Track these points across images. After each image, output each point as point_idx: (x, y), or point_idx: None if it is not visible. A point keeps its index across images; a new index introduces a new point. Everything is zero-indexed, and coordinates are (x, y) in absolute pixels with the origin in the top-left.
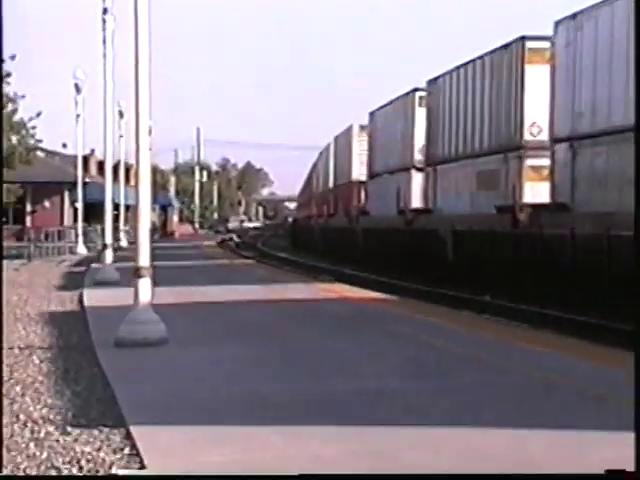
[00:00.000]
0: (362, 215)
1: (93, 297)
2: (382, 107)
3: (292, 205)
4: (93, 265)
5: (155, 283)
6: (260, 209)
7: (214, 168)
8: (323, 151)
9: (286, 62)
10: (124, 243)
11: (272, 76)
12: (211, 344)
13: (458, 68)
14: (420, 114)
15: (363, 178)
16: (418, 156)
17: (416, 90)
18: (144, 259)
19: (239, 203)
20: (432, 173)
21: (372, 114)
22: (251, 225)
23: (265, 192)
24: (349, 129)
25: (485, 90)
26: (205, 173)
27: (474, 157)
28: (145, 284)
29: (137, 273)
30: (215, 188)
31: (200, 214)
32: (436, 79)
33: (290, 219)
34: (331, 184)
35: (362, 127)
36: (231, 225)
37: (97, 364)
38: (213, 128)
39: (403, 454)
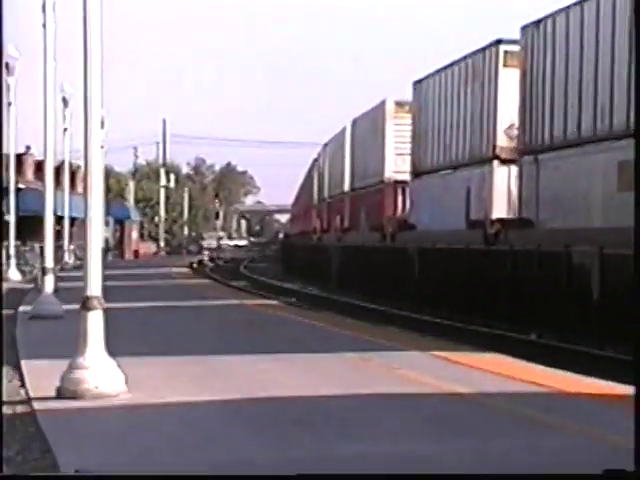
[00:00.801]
0: (402, 229)
1: (27, 335)
2: (440, 70)
3: (284, 218)
4: (29, 297)
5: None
6: (243, 223)
7: (184, 171)
8: (329, 144)
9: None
10: (70, 265)
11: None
12: None
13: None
14: (509, 77)
15: (402, 177)
16: (504, 140)
17: (500, 42)
18: (95, 286)
19: (216, 216)
20: (531, 165)
21: (419, 83)
22: (232, 243)
23: (249, 201)
24: (378, 108)
25: None
26: (173, 177)
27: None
28: (96, 319)
29: (86, 305)
30: (186, 196)
31: (166, 229)
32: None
33: (281, 235)
34: (346, 187)
35: (399, 103)
36: (206, 243)
37: (34, 423)
38: (183, 121)
39: None
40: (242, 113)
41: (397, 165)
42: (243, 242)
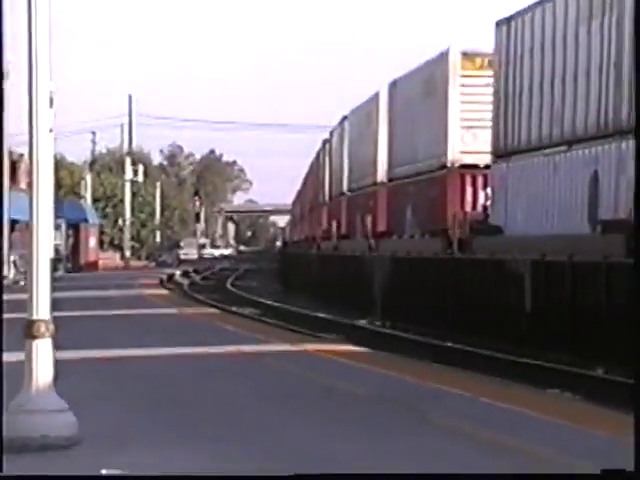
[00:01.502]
0: (479, 232)
1: None
2: (543, 1)
3: (282, 220)
4: None
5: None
6: (231, 227)
7: (156, 161)
8: (352, 117)
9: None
10: (10, 280)
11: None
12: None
13: None
14: None
15: (472, 159)
16: None
17: None
18: (42, 308)
19: (196, 218)
20: None
21: (507, 23)
22: (217, 253)
23: (239, 199)
24: (437, 62)
25: None
26: (141, 169)
27: None
28: (44, 349)
29: (30, 331)
30: (158, 193)
31: (133, 235)
32: None
33: (279, 242)
34: (381, 176)
35: (469, 55)
36: (184, 252)
37: None
38: (155, 100)
39: None
40: (228, 90)
41: (465, 143)
42: (228, 251)
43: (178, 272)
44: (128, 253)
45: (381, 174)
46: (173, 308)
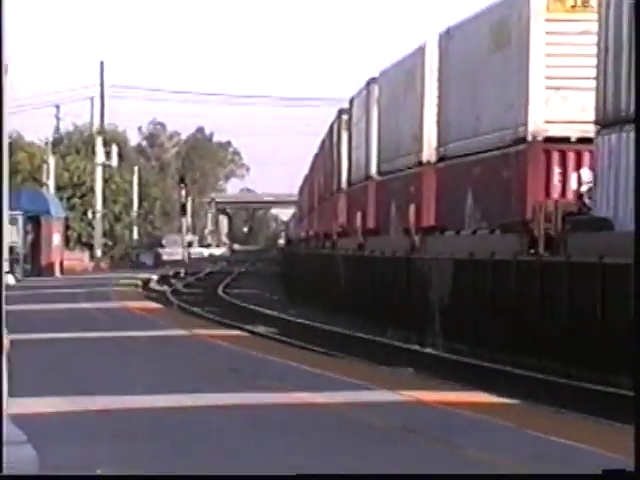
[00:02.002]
0: (575, 227)
1: None
2: None
3: (286, 214)
4: None
5: None
6: (223, 221)
7: (134, 141)
8: (382, 80)
9: None
10: None
11: None
12: None
13: None
14: None
15: (562, 131)
16: None
17: None
18: None
19: (182, 210)
20: None
21: None
22: (206, 253)
23: (233, 188)
24: (511, 2)
25: None
26: (115, 151)
27: None
28: None
29: None
30: (135, 180)
31: (105, 231)
32: None
33: (281, 240)
34: (427, 154)
35: None
36: (167, 252)
37: None
38: (131, 66)
39: None
40: (220, 56)
41: (550, 108)
42: (221, 250)
43: (155, 277)
44: (99, 252)
45: (428, 152)
46: (179, 328)
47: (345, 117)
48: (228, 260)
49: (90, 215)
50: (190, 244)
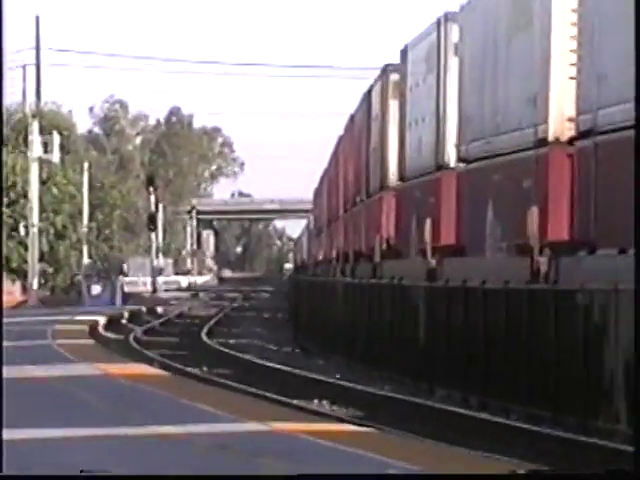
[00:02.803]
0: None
1: None
2: None
3: (294, 227)
4: None
5: None
6: (209, 237)
7: (83, 127)
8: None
9: None
10: None
11: None
12: None
13: None
14: None
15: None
16: None
17: None
18: None
19: (151, 222)
20: None
21: None
22: (184, 282)
23: (222, 192)
24: None
25: None
26: (57, 141)
27: None
28: None
29: None
30: (85, 181)
31: (43, 252)
32: None
33: (289, 265)
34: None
35: None
36: (131, 282)
37: None
38: (78, 24)
39: None
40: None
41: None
42: (205, 278)
43: (102, 320)
44: (35, 283)
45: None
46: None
47: (394, 77)
48: (215, 292)
49: (22, 231)
50: (161, 271)
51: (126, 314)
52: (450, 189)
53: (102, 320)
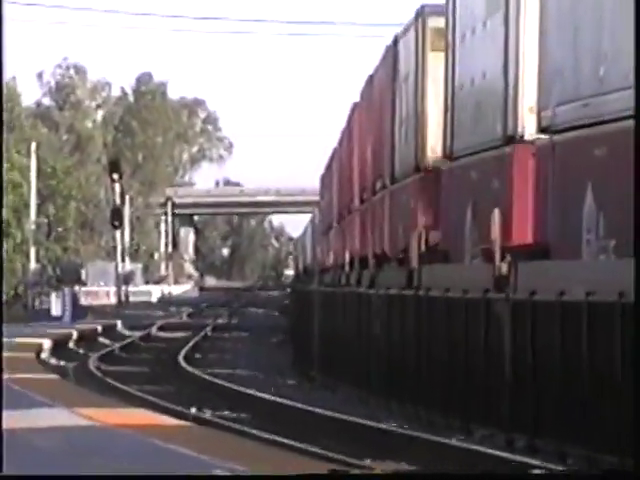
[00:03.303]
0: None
1: None
2: None
3: (295, 224)
4: None
5: None
6: (188, 235)
7: (30, 98)
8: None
9: None
10: None
11: None
12: None
13: None
14: None
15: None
16: None
17: None
18: None
19: (115, 217)
20: None
21: None
22: (156, 292)
23: (204, 181)
24: None
25: None
26: (4, 115)
27: None
28: None
29: None
30: (33, 165)
31: None
32: None
33: (289, 271)
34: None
35: None
36: (90, 293)
37: None
38: None
39: None
40: None
41: None
42: (182, 287)
43: (47, 342)
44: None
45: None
46: None
47: (435, 22)
48: (194, 305)
49: None
50: (128, 277)
51: (75, 334)
52: (526, 169)
53: (48, 343)
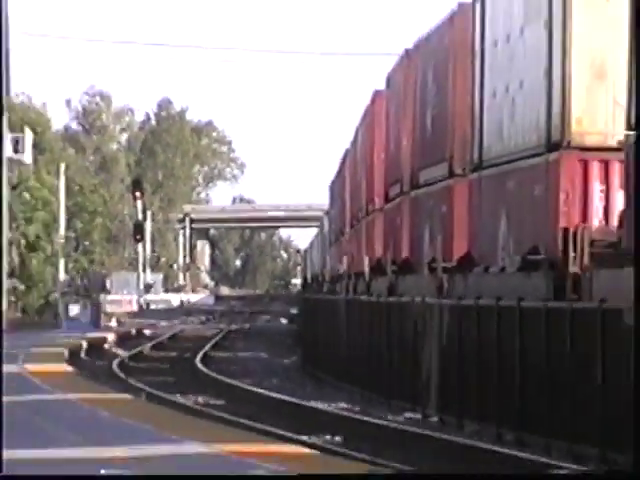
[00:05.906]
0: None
1: None
2: None
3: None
4: None
5: None
6: (204, 248)
7: (59, 123)
8: None
9: None
10: None
11: None
12: None
13: None
14: None
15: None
16: None
17: None
18: None
19: (137, 231)
20: None
21: None
22: (175, 300)
23: (219, 198)
24: None
25: None
26: (30, 139)
27: None
28: None
29: None
30: (62, 185)
31: (14, 267)
32: None
33: (296, 281)
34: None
35: None
36: (114, 302)
37: None
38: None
39: None
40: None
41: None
42: (199, 296)
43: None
44: (4, 302)
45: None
46: None
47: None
48: (209, 313)
49: None
50: (149, 287)
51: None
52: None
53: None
